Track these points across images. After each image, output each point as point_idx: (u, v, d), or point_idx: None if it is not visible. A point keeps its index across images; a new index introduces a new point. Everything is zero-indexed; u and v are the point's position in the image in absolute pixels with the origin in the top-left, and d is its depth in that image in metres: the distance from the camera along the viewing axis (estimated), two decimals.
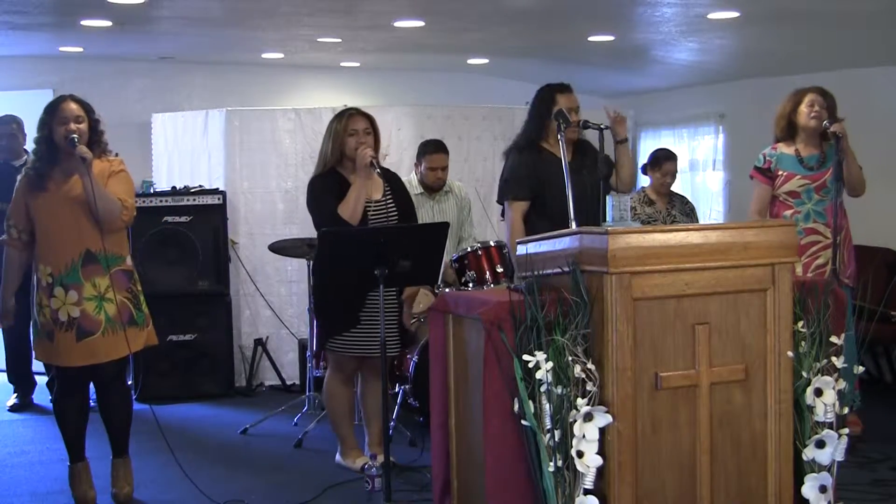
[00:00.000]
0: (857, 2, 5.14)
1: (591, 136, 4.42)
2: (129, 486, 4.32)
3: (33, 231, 4.12)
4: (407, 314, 4.77)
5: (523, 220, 4.48)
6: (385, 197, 4.54)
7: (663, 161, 5.99)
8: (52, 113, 4.07)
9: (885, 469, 4.47)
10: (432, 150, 5.76)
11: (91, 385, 4.30)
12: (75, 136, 4.01)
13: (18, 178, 4.20)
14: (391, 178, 4.60)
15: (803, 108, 4.85)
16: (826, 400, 3.15)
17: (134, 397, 5.76)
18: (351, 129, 4.43)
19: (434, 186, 5.77)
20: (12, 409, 6.12)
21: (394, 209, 4.55)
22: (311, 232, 4.85)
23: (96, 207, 3.99)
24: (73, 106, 4.08)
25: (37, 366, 6.33)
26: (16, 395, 6.21)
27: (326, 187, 4.43)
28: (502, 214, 4.89)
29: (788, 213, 4.88)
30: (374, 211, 4.46)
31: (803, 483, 3.16)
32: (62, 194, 4.07)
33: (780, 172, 4.89)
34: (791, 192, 4.87)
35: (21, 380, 6.24)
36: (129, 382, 4.80)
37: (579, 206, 4.09)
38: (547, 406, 2.89)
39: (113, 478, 4.33)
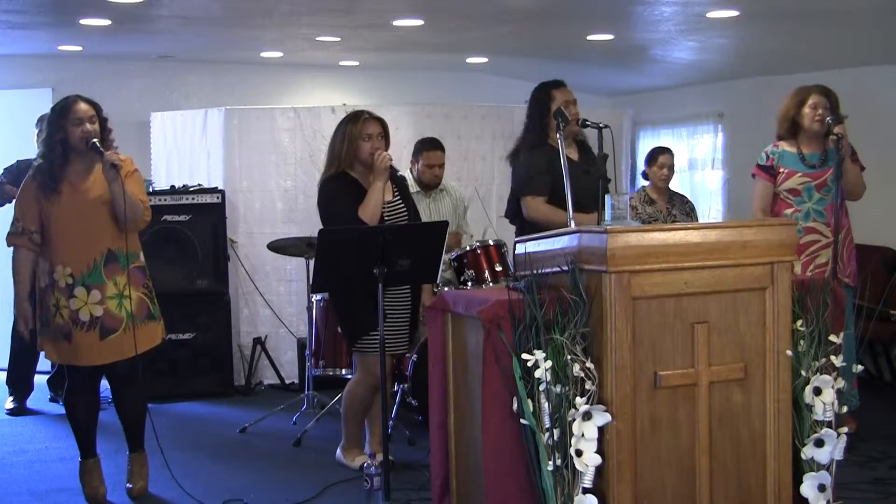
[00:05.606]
0: (857, 1, 5.14)
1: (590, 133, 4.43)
2: (143, 480, 4.36)
3: (43, 232, 4.09)
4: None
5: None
6: (395, 198, 4.56)
7: (658, 155, 6.03)
8: (65, 114, 4.03)
9: (885, 468, 4.47)
10: (429, 147, 5.77)
11: (102, 382, 4.31)
12: (96, 140, 4.01)
13: (24, 179, 4.14)
14: (397, 180, 4.62)
15: (807, 109, 4.82)
16: (825, 398, 3.16)
17: None
18: (366, 133, 4.43)
19: (431, 184, 5.78)
20: (11, 412, 6.07)
21: (404, 210, 4.58)
22: (310, 231, 4.85)
23: (125, 211, 4.00)
24: (85, 106, 4.06)
25: (38, 366, 6.32)
26: (12, 398, 6.14)
27: (342, 190, 4.42)
28: (505, 214, 4.89)
29: (789, 211, 4.87)
30: (388, 212, 4.47)
31: (802, 482, 3.16)
32: (80, 195, 4.05)
33: (781, 170, 4.88)
34: (791, 190, 4.86)
35: (20, 384, 6.16)
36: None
37: (586, 204, 4.10)
38: (546, 405, 2.89)
39: (128, 472, 4.38)
